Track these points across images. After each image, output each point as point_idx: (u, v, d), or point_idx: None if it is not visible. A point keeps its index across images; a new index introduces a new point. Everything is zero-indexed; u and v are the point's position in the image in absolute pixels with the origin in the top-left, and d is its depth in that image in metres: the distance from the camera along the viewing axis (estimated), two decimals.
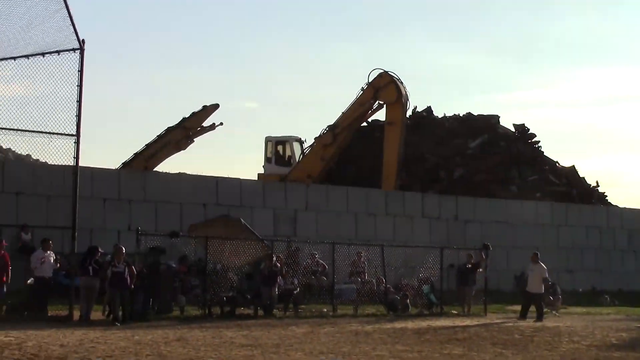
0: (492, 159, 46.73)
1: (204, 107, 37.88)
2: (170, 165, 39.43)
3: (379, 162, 40.53)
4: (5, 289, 22.27)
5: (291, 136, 42.43)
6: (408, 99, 40.43)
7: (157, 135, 37.44)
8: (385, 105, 40.24)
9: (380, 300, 28.07)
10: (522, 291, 28.19)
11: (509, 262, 38.41)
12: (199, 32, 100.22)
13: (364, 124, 44.15)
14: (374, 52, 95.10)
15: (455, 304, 29.19)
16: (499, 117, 51.23)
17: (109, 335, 18.41)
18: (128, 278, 22.21)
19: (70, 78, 22.29)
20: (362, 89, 39.65)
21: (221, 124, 38.45)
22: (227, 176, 35.29)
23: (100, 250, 23.01)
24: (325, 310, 26.57)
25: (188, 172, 34.96)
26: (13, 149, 37.93)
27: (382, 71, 39.74)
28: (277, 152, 42.05)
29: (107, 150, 76.38)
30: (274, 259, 26.05)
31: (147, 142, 37.39)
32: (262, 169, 42.37)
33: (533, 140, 50.49)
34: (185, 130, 37.21)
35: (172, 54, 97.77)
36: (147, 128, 79.96)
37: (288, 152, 41.99)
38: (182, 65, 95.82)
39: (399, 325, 23.41)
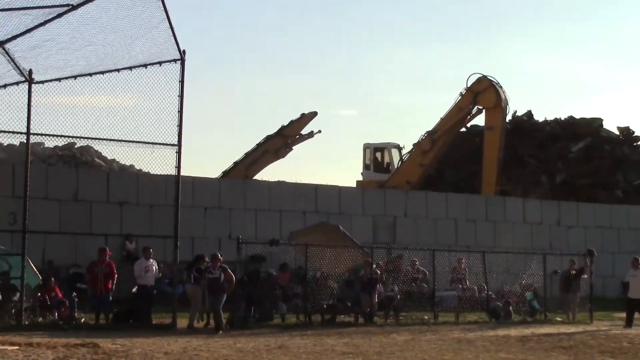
0: (596, 163, 45.78)
1: (302, 115, 38.18)
2: (270, 173, 39.92)
3: (478, 168, 40.13)
4: (111, 297, 22.75)
5: (390, 143, 42.35)
6: (507, 103, 39.98)
7: (257, 144, 37.90)
8: (484, 110, 39.83)
9: (482, 307, 27.70)
10: (625, 298, 27.51)
11: (615, 268, 37.45)
12: (297, 39, 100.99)
13: (463, 129, 43.79)
14: (473, 57, 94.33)
15: (559, 311, 28.59)
16: (602, 120, 50.26)
17: (211, 343, 18.61)
18: (225, 284, 22.28)
19: (171, 88, 22.63)
20: (461, 94, 39.35)
21: (319, 131, 38.74)
22: (325, 183, 35.42)
23: (206, 259, 23.25)
24: (426, 317, 26.34)
25: (287, 180, 35.20)
26: (117, 160, 38.89)
27: (481, 75, 39.37)
28: (375, 158, 42.01)
29: (207, 159, 77.53)
30: (374, 266, 25.97)
31: (246, 151, 37.92)
32: (361, 176, 42.39)
33: (638, 143, 49.26)
34: (284, 139, 37.55)
35: (270, 63, 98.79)
36: (246, 137, 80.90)
37: (387, 159, 41.91)
38: (281, 73, 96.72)
39: (501, 332, 23.06)
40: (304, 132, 38.66)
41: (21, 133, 21.88)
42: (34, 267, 23.47)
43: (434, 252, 27.79)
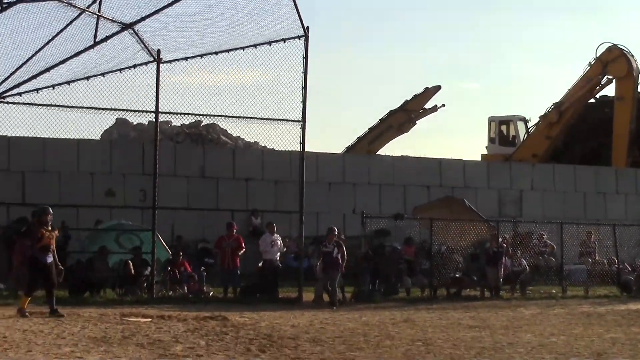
0: None
1: (426, 89, 37.94)
2: (393, 148, 39.80)
3: (608, 139, 39.07)
4: (239, 272, 23.16)
5: (515, 115, 41.69)
6: (639, 73, 38.69)
7: (380, 119, 37.88)
8: (614, 80, 38.70)
9: (613, 281, 27.06)
10: None
11: None
12: (418, 13, 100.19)
13: (592, 100, 42.64)
14: (602, 26, 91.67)
15: None
16: None
17: (337, 316, 18.76)
18: (339, 259, 22.13)
19: (295, 65, 22.78)
20: (590, 64, 38.31)
21: (443, 105, 38.45)
22: (450, 157, 35.12)
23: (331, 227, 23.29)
24: (554, 291, 25.91)
25: (411, 155, 35.07)
26: (242, 137, 39.47)
27: (611, 45, 38.21)
28: (500, 132, 41.42)
29: (331, 135, 77.89)
30: (499, 239, 25.64)
31: (370, 126, 37.91)
32: (485, 149, 41.86)
33: None
34: (407, 113, 37.39)
35: (391, 38, 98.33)
36: (369, 112, 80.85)
37: (512, 132, 41.29)
38: (403, 48, 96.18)
39: (634, 307, 22.47)
40: (427, 106, 38.39)
41: (150, 112, 22.42)
42: (164, 243, 24.14)
43: (561, 226, 27.28)
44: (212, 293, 22.84)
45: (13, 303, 18.16)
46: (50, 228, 17.46)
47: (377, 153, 36.42)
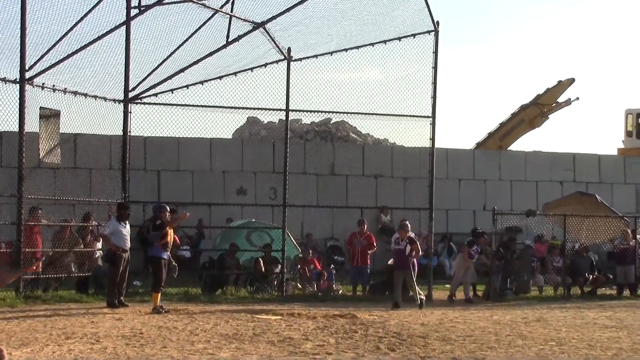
0: None
1: (559, 82, 37.09)
2: (525, 143, 39.15)
3: None
4: (369, 270, 23.16)
5: None
6: None
7: (511, 114, 37.29)
8: None
9: None
10: None
11: None
12: (550, 5, 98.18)
13: None
14: None
15: None
16: None
17: (467, 315, 18.57)
18: (410, 257, 20.27)
19: (425, 60, 22.64)
20: None
21: (577, 98, 37.48)
22: (584, 152, 34.23)
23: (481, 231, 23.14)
24: None
25: (543, 150, 34.40)
26: (371, 134, 39.49)
27: None
28: (638, 124, 40.15)
29: (461, 130, 77.16)
30: (629, 235, 24.79)
31: (501, 121, 37.37)
32: (622, 143, 40.66)
33: None
34: (539, 107, 36.65)
35: (525, 29, 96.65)
36: (500, 107, 79.57)
37: None
38: (536, 40, 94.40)
39: None
40: (560, 99, 37.56)
41: (280, 110, 22.70)
42: (294, 240, 24.40)
43: None
44: (341, 291, 22.94)
45: (149, 300, 18.68)
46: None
47: (508, 149, 35.85)
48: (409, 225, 20.55)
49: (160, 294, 18.04)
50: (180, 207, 22.28)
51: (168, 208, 18.74)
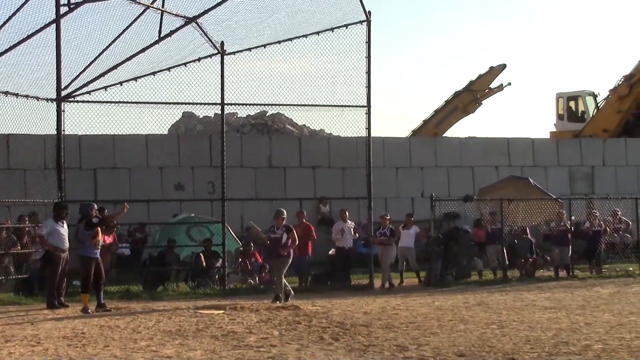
0: None
1: (491, 68, 37.44)
2: (460, 129, 39.49)
3: None
4: (309, 260, 23.18)
5: (583, 90, 40.94)
6: None
7: (445, 101, 37.53)
8: None
9: None
10: None
11: None
12: None
13: None
14: None
15: None
16: None
17: (409, 302, 18.70)
18: (287, 245, 18.85)
19: (357, 50, 22.75)
20: None
21: (509, 84, 37.88)
22: (518, 136, 34.65)
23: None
24: (630, 269, 25.48)
25: (478, 136, 34.75)
26: (308, 125, 39.52)
27: None
28: (569, 108, 40.76)
29: (396, 119, 77.61)
30: (564, 217, 25.23)
31: (435, 109, 37.62)
32: (554, 126, 41.27)
33: None
34: (472, 94, 36.97)
35: (455, 17, 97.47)
36: (434, 94, 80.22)
37: (581, 107, 40.58)
38: (466, 26, 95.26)
39: None
40: (493, 85, 37.94)
41: (216, 104, 22.56)
42: (234, 234, 24.34)
43: (637, 201, 26.80)
44: None
45: (90, 299, 18.47)
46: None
47: (444, 135, 36.14)
48: (285, 212, 19.25)
49: (87, 294, 17.66)
50: (119, 205, 22.01)
51: (95, 206, 18.63)
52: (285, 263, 18.77)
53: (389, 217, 23.91)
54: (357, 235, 24.31)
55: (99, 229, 17.96)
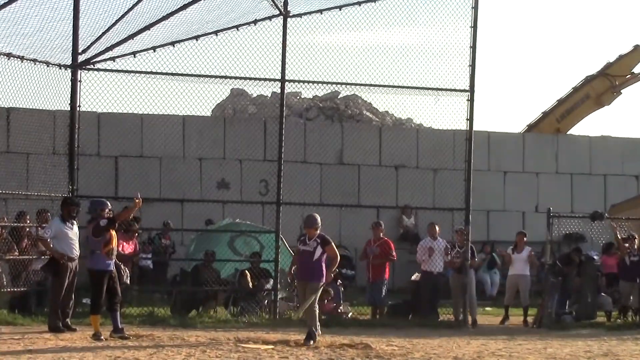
0: None
1: (636, 47, 37.06)
2: (590, 126, 39.16)
3: None
4: (386, 286, 23.12)
5: None
6: None
7: (573, 87, 37.26)
8: None
9: None
10: None
11: None
12: None
13: None
14: None
15: None
16: None
17: (513, 346, 18.56)
18: (322, 262, 18.15)
19: (461, 19, 22.60)
20: None
21: None
22: None
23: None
24: None
25: (613, 135, 34.43)
26: (391, 112, 39.53)
27: None
28: None
29: (508, 109, 77.15)
30: None
31: (558, 97, 37.36)
32: None
33: None
34: (609, 79, 36.66)
35: None
36: (558, 79, 79.30)
37: None
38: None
39: None
40: (636, 70, 37.60)
41: (274, 80, 22.62)
42: (289, 248, 24.39)
43: None
44: (350, 314, 22.98)
45: (104, 322, 18.65)
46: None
47: (569, 132, 35.91)
48: (319, 219, 18.72)
49: (99, 316, 17.61)
50: (146, 205, 22.18)
51: (109, 204, 18.20)
52: (319, 288, 18.15)
53: (466, 232, 22.98)
54: (449, 257, 24.23)
55: (113, 232, 17.83)
